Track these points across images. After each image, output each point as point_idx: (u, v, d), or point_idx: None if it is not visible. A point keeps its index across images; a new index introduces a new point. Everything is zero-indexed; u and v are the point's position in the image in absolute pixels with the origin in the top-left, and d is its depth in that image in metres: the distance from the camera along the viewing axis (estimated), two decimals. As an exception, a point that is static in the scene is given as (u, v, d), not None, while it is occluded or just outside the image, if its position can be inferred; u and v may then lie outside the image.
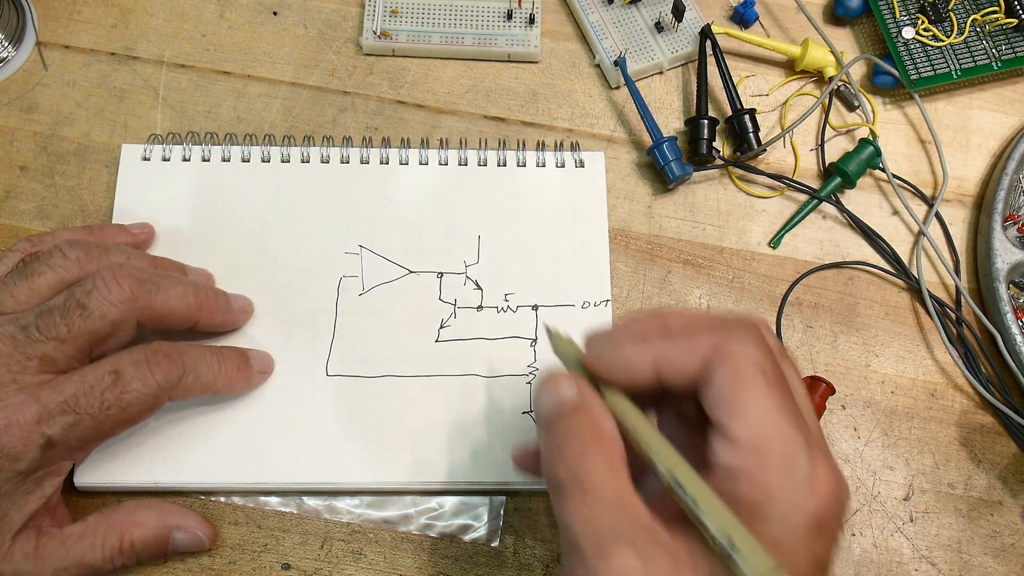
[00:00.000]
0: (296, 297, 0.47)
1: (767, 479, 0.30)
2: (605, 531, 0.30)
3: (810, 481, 0.30)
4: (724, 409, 0.31)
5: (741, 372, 0.31)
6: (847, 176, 0.51)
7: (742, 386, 0.31)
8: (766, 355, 0.32)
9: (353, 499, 0.45)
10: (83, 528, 0.40)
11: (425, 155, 0.50)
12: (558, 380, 0.34)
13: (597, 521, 0.30)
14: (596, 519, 0.30)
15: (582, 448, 0.32)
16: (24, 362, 0.38)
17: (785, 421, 0.30)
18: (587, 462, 0.31)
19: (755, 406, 0.30)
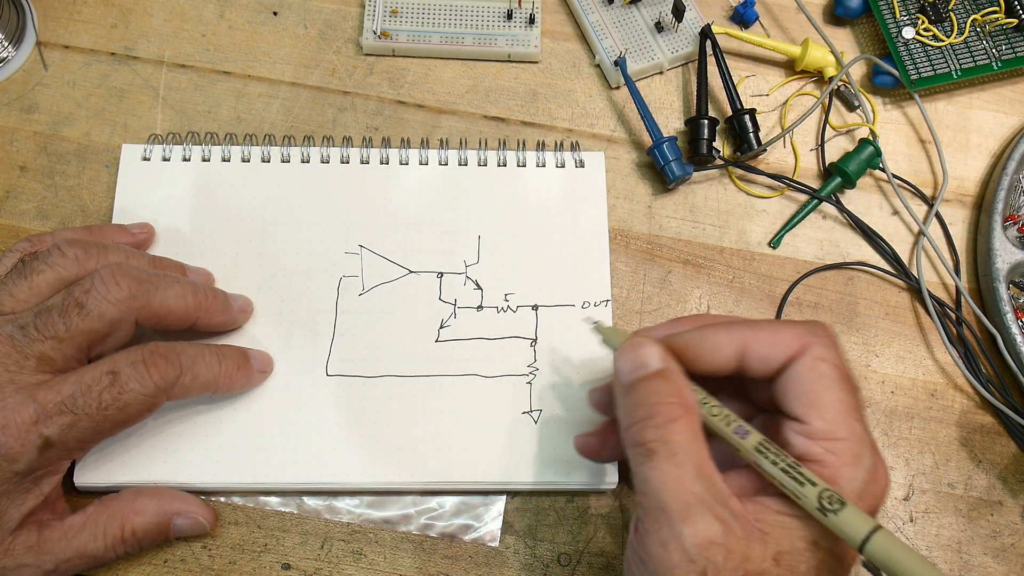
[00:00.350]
0: (296, 297, 0.47)
1: (838, 467, 0.33)
2: (692, 496, 0.32)
3: (872, 474, 0.33)
4: (805, 402, 0.34)
5: (824, 372, 0.34)
6: (847, 176, 0.51)
7: (824, 385, 0.34)
8: (840, 356, 0.35)
9: (353, 499, 0.45)
10: (84, 519, 0.40)
11: (425, 155, 0.50)
12: (642, 344, 0.36)
13: (686, 486, 0.32)
14: (685, 483, 0.32)
15: (670, 413, 0.34)
16: (22, 362, 0.38)
17: (856, 420, 0.34)
18: (676, 426, 0.33)
19: (832, 404, 0.34)
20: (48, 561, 0.39)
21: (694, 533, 0.31)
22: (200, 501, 0.43)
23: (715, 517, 0.31)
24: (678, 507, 0.32)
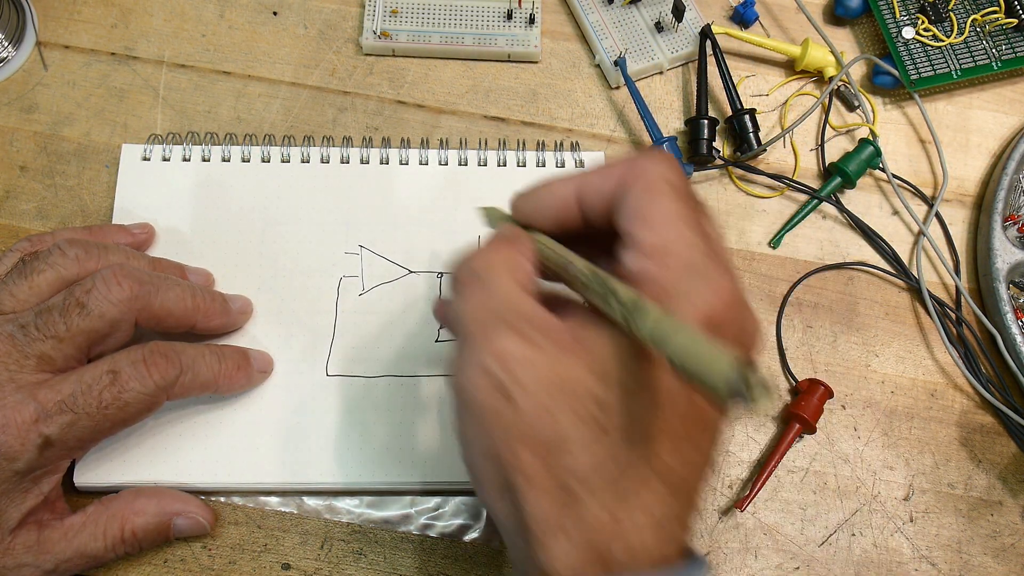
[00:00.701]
0: (296, 297, 0.47)
1: (668, 279, 0.31)
2: (492, 316, 0.31)
3: (706, 281, 0.31)
4: (632, 219, 0.32)
5: (650, 185, 0.32)
6: (847, 176, 0.51)
7: (650, 197, 0.32)
8: (675, 172, 0.33)
9: (353, 499, 0.45)
10: (83, 519, 0.40)
11: (425, 155, 0.50)
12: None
13: (488, 310, 0.31)
14: (487, 308, 0.32)
15: (488, 256, 0.33)
16: (22, 361, 0.38)
17: (688, 228, 0.31)
18: (490, 264, 0.33)
19: (660, 213, 0.32)
20: (48, 561, 0.39)
21: (491, 348, 0.30)
22: (200, 501, 0.43)
23: (516, 333, 0.30)
24: (478, 329, 0.31)
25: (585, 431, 0.30)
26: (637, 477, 0.30)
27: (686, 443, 0.31)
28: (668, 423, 0.30)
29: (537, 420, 0.30)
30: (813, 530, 0.46)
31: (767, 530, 0.45)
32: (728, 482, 0.46)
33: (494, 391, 0.30)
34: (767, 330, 0.49)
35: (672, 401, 0.30)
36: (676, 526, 0.31)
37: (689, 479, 0.31)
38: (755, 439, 0.47)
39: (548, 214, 0.35)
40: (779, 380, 0.48)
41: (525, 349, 0.30)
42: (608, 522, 0.29)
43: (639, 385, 0.30)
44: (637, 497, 0.30)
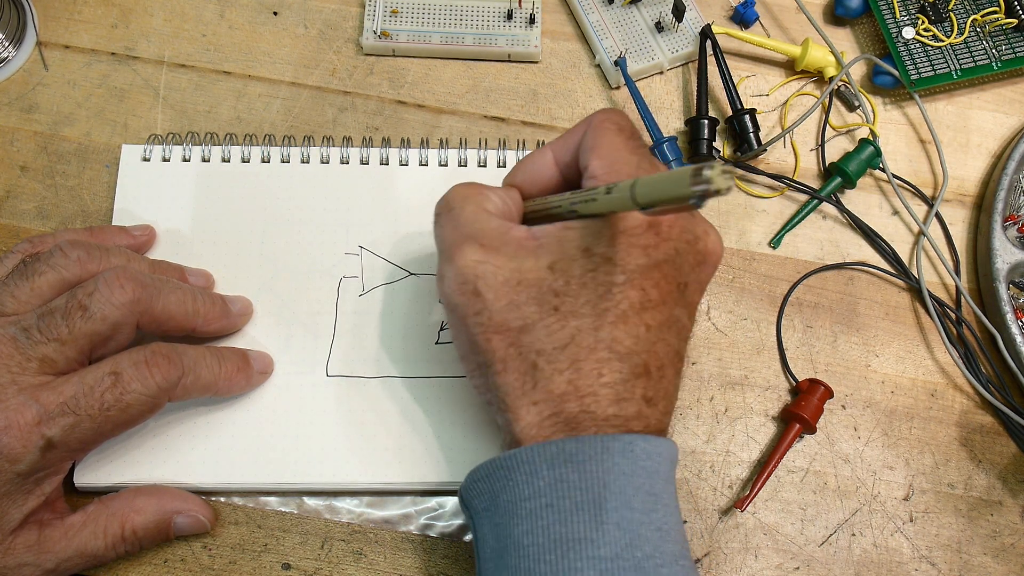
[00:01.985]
0: (296, 298, 0.47)
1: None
2: (461, 236, 0.38)
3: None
4: (587, 153, 0.39)
5: (600, 126, 0.39)
6: (847, 176, 0.51)
7: (600, 134, 0.39)
8: (617, 115, 0.40)
9: (353, 499, 0.45)
10: (84, 518, 0.40)
11: (425, 155, 0.50)
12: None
13: (456, 231, 0.38)
14: (456, 230, 0.38)
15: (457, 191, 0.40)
16: (24, 363, 0.38)
17: (628, 152, 0.38)
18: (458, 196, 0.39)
19: (608, 146, 0.38)
20: (48, 560, 0.39)
21: (461, 259, 0.37)
22: (200, 500, 0.43)
23: (479, 245, 0.37)
24: (449, 246, 0.38)
25: (545, 315, 0.36)
26: (586, 346, 0.35)
27: (632, 319, 0.36)
28: (613, 303, 0.36)
29: (504, 311, 0.36)
30: (813, 530, 0.46)
31: (767, 530, 0.46)
32: (728, 482, 0.46)
33: (467, 292, 0.37)
34: (767, 330, 0.49)
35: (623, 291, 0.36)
36: (639, 404, 0.36)
37: (636, 350, 0.36)
38: (755, 439, 0.47)
39: (535, 178, 0.41)
40: (779, 380, 0.48)
41: (487, 255, 0.37)
42: (567, 388, 0.35)
43: (588, 274, 0.36)
44: (587, 363, 0.35)
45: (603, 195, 0.35)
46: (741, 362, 0.49)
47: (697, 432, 0.47)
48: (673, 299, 0.37)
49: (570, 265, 0.36)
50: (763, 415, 0.48)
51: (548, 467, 0.34)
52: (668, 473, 0.36)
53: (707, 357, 0.48)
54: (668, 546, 0.34)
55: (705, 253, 0.38)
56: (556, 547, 0.33)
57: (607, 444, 0.34)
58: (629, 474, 0.34)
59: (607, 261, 0.36)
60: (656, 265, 0.36)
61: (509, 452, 0.35)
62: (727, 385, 0.48)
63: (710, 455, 0.47)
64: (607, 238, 0.36)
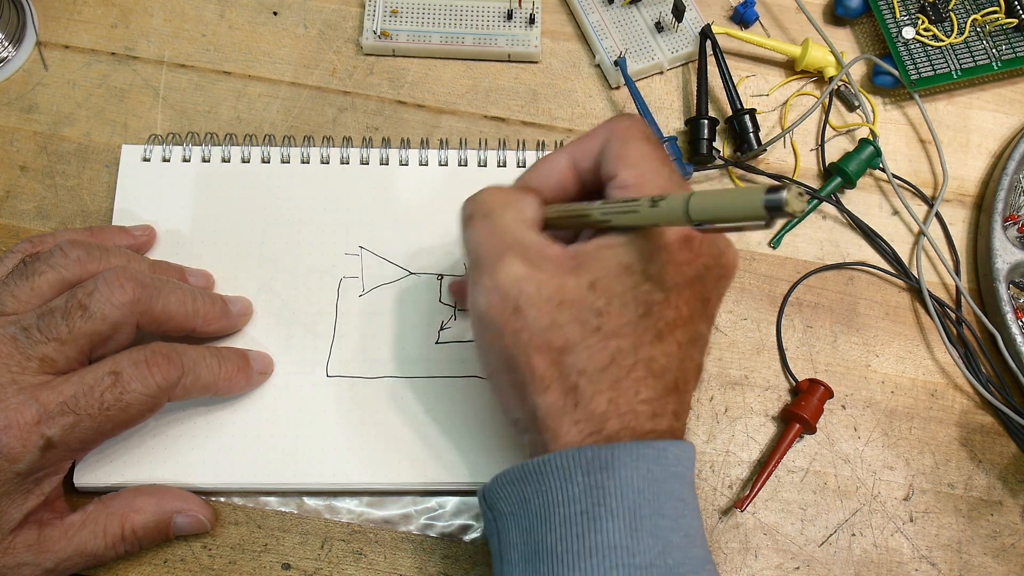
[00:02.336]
0: (296, 298, 0.47)
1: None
2: (501, 246, 0.36)
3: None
4: (614, 162, 0.38)
5: (627, 135, 0.38)
6: (847, 176, 0.51)
7: (627, 144, 0.38)
8: (641, 123, 0.39)
9: (353, 499, 0.45)
10: (83, 518, 0.40)
11: (425, 155, 0.50)
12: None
13: (496, 240, 0.37)
14: (495, 238, 0.37)
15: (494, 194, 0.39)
16: (24, 363, 0.38)
17: (657, 162, 0.37)
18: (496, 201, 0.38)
19: (635, 154, 0.37)
20: (48, 560, 0.39)
21: (503, 273, 0.36)
22: (200, 499, 0.43)
23: (521, 258, 0.36)
24: (488, 256, 0.36)
25: (588, 336, 0.35)
26: (626, 365, 0.35)
27: (675, 347, 0.36)
28: (658, 328, 0.36)
29: (548, 330, 0.35)
30: (813, 530, 0.46)
31: (767, 530, 0.46)
32: (728, 482, 0.46)
33: (507, 308, 0.35)
34: (767, 330, 0.49)
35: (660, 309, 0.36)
36: (664, 409, 0.36)
37: (669, 367, 0.36)
38: (755, 439, 0.47)
39: (552, 183, 0.40)
40: (779, 380, 0.48)
41: (531, 271, 0.36)
42: (606, 406, 0.35)
43: (628, 293, 0.35)
44: (634, 390, 0.35)
45: (647, 208, 0.34)
46: (741, 362, 0.49)
47: (697, 432, 0.47)
48: (699, 315, 0.37)
49: (611, 284, 0.35)
50: (763, 415, 0.48)
51: (584, 474, 0.34)
52: (692, 476, 0.36)
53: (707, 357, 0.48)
54: (695, 551, 0.35)
55: (728, 267, 0.38)
56: (592, 555, 0.33)
57: (642, 451, 0.34)
58: (662, 480, 0.34)
59: (649, 279, 0.36)
60: (689, 282, 0.36)
61: (542, 457, 0.35)
62: (727, 385, 0.48)
63: (710, 455, 0.47)
64: (648, 255, 0.36)
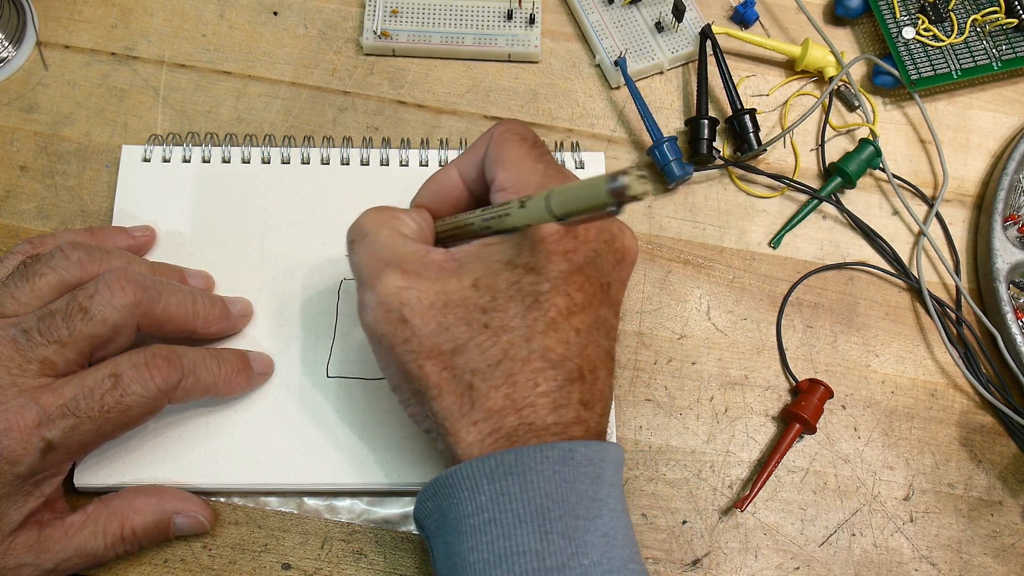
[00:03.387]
0: (297, 299, 0.47)
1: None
2: (380, 262, 0.37)
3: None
4: (492, 166, 0.39)
5: (502, 138, 0.39)
6: (847, 176, 0.51)
7: (503, 146, 0.39)
8: (523, 128, 0.40)
9: (353, 499, 0.45)
10: (83, 518, 0.40)
11: (425, 156, 0.50)
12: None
13: (375, 257, 0.37)
14: (374, 256, 0.37)
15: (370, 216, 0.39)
16: (24, 365, 0.38)
17: (532, 161, 0.38)
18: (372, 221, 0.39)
19: (513, 157, 0.38)
20: (48, 560, 0.39)
21: (383, 287, 0.36)
22: (200, 500, 0.43)
23: (401, 271, 0.36)
24: (369, 273, 0.37)
25: (477, 334, 0.35)
26: (520, 358, 0.35)
27: (562, 325, 0.36)
28: (542, 312, 0.36)
29: (435, 335, 0.35)
30: (813, 530, 0.46)
31: (767, 530, 0.46)
32: (728, 482, 0.46)
33: (392, 321, 0.36)
34: (767, 330, 0.49)
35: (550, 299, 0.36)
36: (577, 409, 0.35)
37: (568, 355, 0.36)
38: (755, 439, 0.47)
39: (443, 197, 0.41)
40: (779, 380, 0.48)
41: (410, 280, 0.36)
42: (504, 403, 0.35)
43: (513, 287, 0.36)
44: (522, 375, 0.35)
45: (517, 209, 0.35)
46: (741, 362, 0.49)
47: (697, 432, 0.47)
48: (598, 300, 0.37)
49: (494, 280, 0.36)
50: (763, 415, 0.48)
51: (488, 481, 0.34)
52: (613, 477, 0.36)
53: (707, 357, 0.48)
54: (616, 551, 0.34)
55: (623, 251, 0.38)
56: (502, 562, 0.33)
57: (546, 453, 0.34)
58: (571, 481, 0.34)
59: (531, 271, 0.36)
60: (578, 269, 0.36)
61: (451, 469, 0.35)
62: (727, 385, 0.48)
63: (710, 455, 0.47)
64: (527, 248, 0.36)
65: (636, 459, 0.46)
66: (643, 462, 0.46)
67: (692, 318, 0.49)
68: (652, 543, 0.45)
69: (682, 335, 0.49)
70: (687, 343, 0.49)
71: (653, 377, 0.48)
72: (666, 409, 0.47)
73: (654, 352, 0.48)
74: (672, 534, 0.45)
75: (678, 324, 0.49)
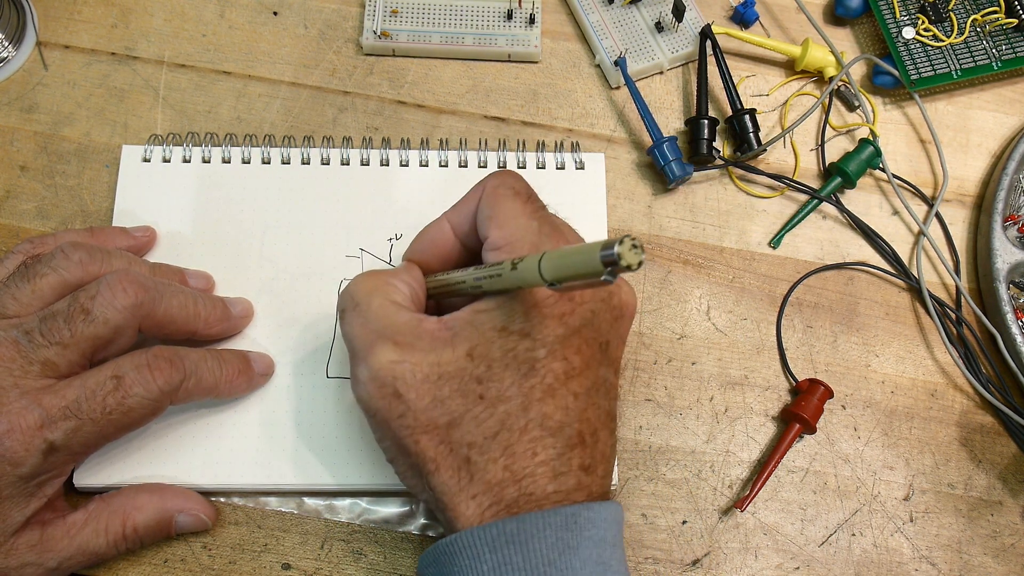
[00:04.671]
0: (297, 300, 0.47)
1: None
2: (372, 334, 0.36)
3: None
4: (485, 223, 0.38)
5: (496, 194, 0.38)
6: (847, 176, 0.51)
7: (496, 201, 0.38)
8: (516, 181, 0.39)
9: (353, 499, 0.45)
10: (85, 516, 0.40)
11: (425, 156, 0.50)
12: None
13: (367, 329, 0.36)
14: (366, 328, 0.36)
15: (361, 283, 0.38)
16: (26, 367, 0.38)
17: (527, 218, 0.37)
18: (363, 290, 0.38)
19: (506, 213, 0.37)
20: (51, 559, 0.39)
21: (375, 360, 0.35)
22: (201, 498, 0.43)
23: (392, 343, 0.35)
24: (361, 345, 0.36)
25: (472, 406, 0.35)
26: (518, 428, 0.34)
27: (560, 391, 0.35)
28: (539, 379, 0.35)
29: (428, 409, 0.35)
30: (813, 530, 0.46)
31: (767, 530, 0.46)
32: (728, 482, 0.46)
33: (386, 395, 0.35)
34: (767, 330, 0.49)
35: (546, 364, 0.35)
36: (578, 475, 0.35)
37: (567, 421, 0.35)
38: (755, 439, 0.47)
39: (435, 252, 0.40)
40: (779, 380, 0.48)
41: (403, 353, 0.35)
42: (504, 475, 0.34)
43: (508, 355, 0.35)
44: (520, 445, 0.34)
45: (509, 271, 0.34)
46: (741, 362, 0.49)
47: (697, 432, 0.47)
48: (597, 361, 0.36)
49: (489, 348, 0.35)
50: (763, 415, 0.48)
51: (490, 551, 0.33)
52: (615, 538, 0.35)
53: (707, 357, 0.49)
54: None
55: (621, 307, 0.38)
56: None
57: (548, 519, 0.33)
58: (575, 547, 0.33)
59: (525, 337, 0.35)
60: (575, 331, 0.35)
61: (451, 537, 0.34)
62: (727, 385, 0.48)
63: (710, 455, 0.47)
64: (521, 314, 0.35)
65: (636, 459, 0.46)
66: (643, 462, 0.46)
67: (692, 318, 0.49)
68: (652, 543, 0.45)
69: (682, 335, 0.49)
70: (687, 343, 0.49)
71: (653, 377, 0.48)
72: (666, 409, 0.47)
73: (654, 352, 0.48)
74: (672, 534, 0.45)
75: (678, 324, 0.49)
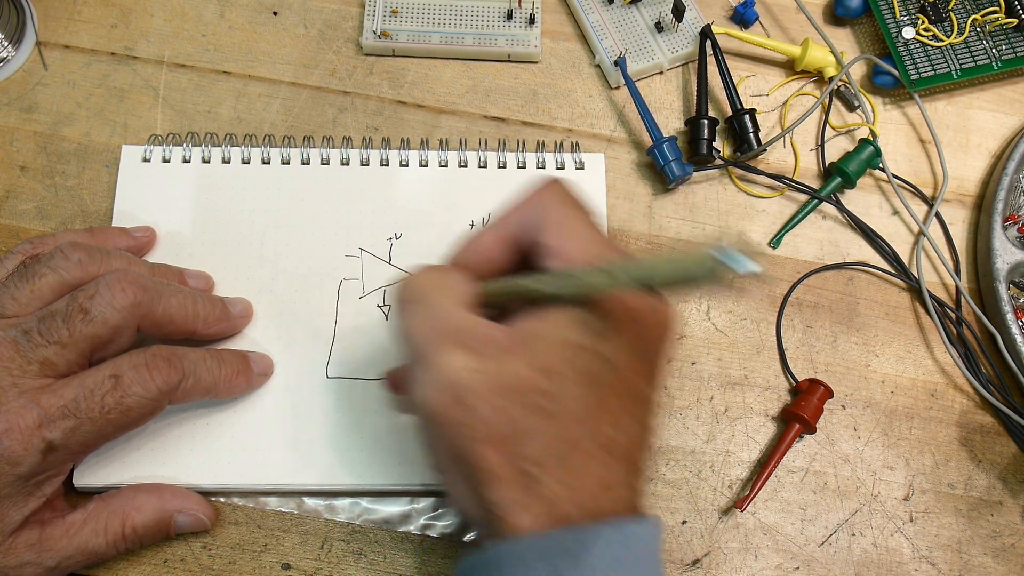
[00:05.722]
0: (297, 300, 0.47)
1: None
2: (439, 336, 0.34)
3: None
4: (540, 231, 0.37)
5: (550, 202, 0.37)
6: (847, 176, 0.51)
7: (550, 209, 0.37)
8: (568, 189, 0.38)
9: (353, 499, 0.45)
10: (85, 516, 0.40)
11: (425, 156, 0.50)
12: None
13: (432, 329, 0.35)
14: (432, 327, 0.35)
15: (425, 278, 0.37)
16: (25, 366, 0.38)
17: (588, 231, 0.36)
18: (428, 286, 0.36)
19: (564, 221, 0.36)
20: (50, 558, 0.39)
21: (442, 364, 0.33)
22: (201, 498, 0.43)
23: (461, 347, 0.33)
24: (426, 347, 0.34)
25: (536, 420, 0.33)
26: (584, 452, 0.33)
27: (624, 417, 0.35)
28: (606, 401, 0.34)
29: (495, 420, 0.33)
30: (813, 530, 0.46)
31: (767, 530, 0.46)
32: (728, 482, 0.46)
33: (452, 402, 0.33)
34: (767, 330, 0.49)
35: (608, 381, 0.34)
36: (624, 489, 0.34)
37: (630, 447, 0.35)
38: (755, 439, 0.47)
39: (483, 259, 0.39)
40: (779, 380, 0.48)
41: (472, 360, 0.33)
42: (563, 493, 0.33)
43: (576, 370, 0.34)
44: (586, 468, 0.33)
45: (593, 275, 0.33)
46: (741, 362, 0.49)
47: (697, 432, 0.47)
48: (645, 380, 0.36)
49: (558, 363, 0.34)
50: (763, 415, 0.48)
51: (544, 563, 0.32)
52: (658, 552, 0.35)
53: (707, 357, 0.48)
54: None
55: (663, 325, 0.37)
56: None
57: (603, 533, 0.33)
58: (625, 562, 0.33)
59: (594, 354, 0.34)
60: (633, 350, 0.35)
61: (497, 546, 0.33)
62: (727, 385, 0.48)
63: (710, 455, 0.47)
64: (592, 329, 0.35)
65: (636, 459, 0.46)
66: (643, 462, 0.46)
67: (692, 318, 0.49)
68: (652, 543, 0.45)
69: (682, 335, 0.49)
70: (687, 343, 0.49)
71: (653, 377, 0.48)
72: (666, 409, 0.47)
73: (654, 352, 0.48)
74: (672, 534, 0.45)
75: (678, 324, 0.49)
